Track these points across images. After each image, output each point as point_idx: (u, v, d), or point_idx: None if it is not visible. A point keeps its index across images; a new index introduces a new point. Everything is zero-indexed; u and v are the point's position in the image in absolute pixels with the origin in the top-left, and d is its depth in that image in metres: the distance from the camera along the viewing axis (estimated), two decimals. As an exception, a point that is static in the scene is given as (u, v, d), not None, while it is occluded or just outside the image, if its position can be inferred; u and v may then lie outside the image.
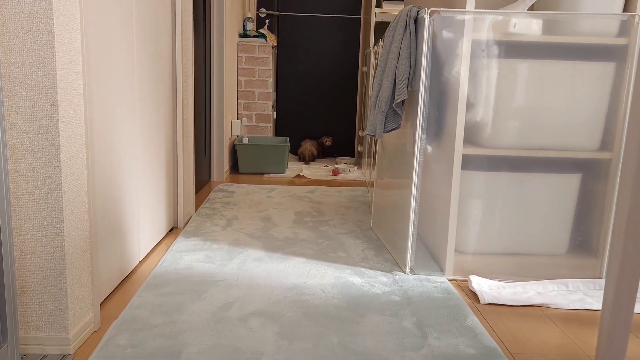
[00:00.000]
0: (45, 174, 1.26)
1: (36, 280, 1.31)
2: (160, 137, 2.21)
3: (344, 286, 1.84)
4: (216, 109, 3.70)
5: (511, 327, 1.59)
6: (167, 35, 2.27)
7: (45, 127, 1.24)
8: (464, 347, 1.43)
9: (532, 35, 1.90)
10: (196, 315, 1.57)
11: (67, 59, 1.27)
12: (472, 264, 1.99)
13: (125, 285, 1.81)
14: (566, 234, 2.03)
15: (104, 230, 1.64)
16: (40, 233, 1.29)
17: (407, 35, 1.94)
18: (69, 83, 1.28)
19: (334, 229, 2.56)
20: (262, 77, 4.40)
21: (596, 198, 2.00)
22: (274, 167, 4.08)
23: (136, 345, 1.38)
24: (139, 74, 1.89)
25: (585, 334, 1.57)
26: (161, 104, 2.21)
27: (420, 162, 1.96)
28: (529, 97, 1.92)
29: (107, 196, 1.65)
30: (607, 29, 1.91)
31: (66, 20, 1.26)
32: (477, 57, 1.89)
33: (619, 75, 1.92)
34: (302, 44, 5.07)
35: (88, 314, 1.44)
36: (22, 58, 1.21)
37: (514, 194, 1.98)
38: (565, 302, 1.76)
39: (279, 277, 1.90)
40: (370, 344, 1.43)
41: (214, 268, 1.96)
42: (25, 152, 1.25)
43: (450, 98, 1.93)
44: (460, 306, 1.70)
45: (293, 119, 5.18)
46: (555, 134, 1.95)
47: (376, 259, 2.15)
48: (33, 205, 1.27)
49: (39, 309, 1.32)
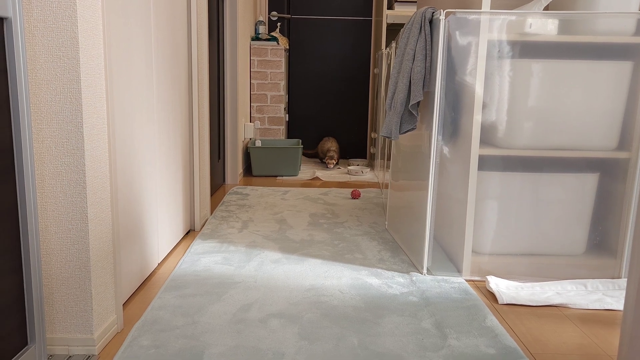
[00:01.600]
0: (70, 178, 1.29)
1: (62, 282, 1.33)
2: (177, 141, 2.24)
3: (361, 287, 1.85)
4: (229, 112, 3.72)
5: (531, 328, 1.59)
6: (183, 40, 2.29)
7: (70, 131, 1.27)
8: (484, 348, 1.44)
9: (548, 35, 1.89)
10: (217, 316, 1.58)
11: (91, 65, 1.30)
12: (489, 265, 1.99)
13: (146, 287, 1.83)
14: (584, 234, 2.02)
15: (125, 233, 1.67)
16: (66, 236, 1.31)
17: (422, 37, 1.94)
18: (92, 88, 1.31)
19: (349, 231, 2.57)
20: (274, 80, 4.42)
21: (614, 197, 1.99)
22: (287, 170, 4.09)
23: (159, 346, 1.40)
24: (157, 79, 1.92)
25: (606, 334, 1.56)
26: (178, 109, 2.24)
27: (436, 163, 1.96)
28: (545, 97, 1.92)
29: (128, 199, 1.67)
30: (624, 27, 1.90)
31: (90, 27, 1.29)
32: (493, 57, 1.89)
33: (636, 74, 1.91)
34: (314, 46, 5.09)
35: (111, 315, 1.47)
36: (48, 64, 1.24)
37: (531, 194, 1.98)
38: (584, 302, 1.75)
39: (296, 278, 1.91)
40: (390, 345, 1.44)
41: (232, 270, 1.97)
42: (50, 156, 1.27)
43: (465, 99, 1.94)
44: (479, 307, 1.70)
45: (305, 122, 5.20)
46: (571, 133, 1.94)
47: (392, 260, 2.16)
48: (58, 209, 1.30)
49: (65, 311, 1.35)
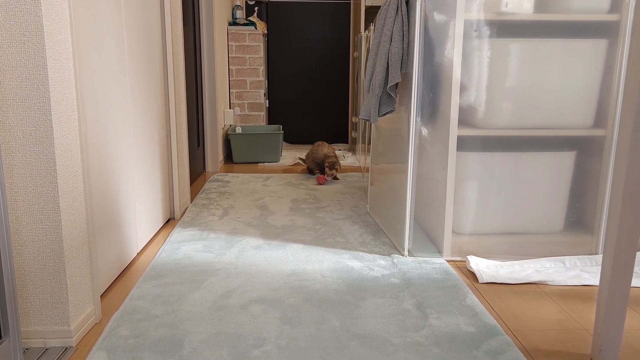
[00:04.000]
0: (40, 167, 1.25)
1: (35, 274, 1.31)
2: (153, 129, 2.20)
3: (343, 271, 1.85)
4: (208, 99, 3.67)
5: (510, 305, 1.61)
6: (156, 25, 2.24)
7: (38, 119, 1.23)
8: (464, 326, 1.45)
9: (524, 14, 1.89)
10: (197, 304, 1.57)
11: (58, 49, 1.26)
12: (469, 245, 2.00)
13: (125, 276, 1.81)
14: (562, 212, 2.04)
15: (101, 222, 1.63)
16: (38, 226, 1.28)
17: (399, 18, 1.92)
18: (60, 74, 1.27)
19: (331, 215, 2.57)
20: (253, 66, 4.37)
21: (591, 175, 2.01)
22: (269, 156, 4.06)
23: (138, 336, 1.38)
24: (129, 65, 1.87)
25: (583, 309, 1.59)
26: (153, 96, 2.19)
27: (415, 145, 1.96)
28: (522, 76, 1.92)
29: (103, 188, 1.64)
30: (599, 5, 1.90)
31: (54, 11, 1.24)
32: (470, 37, 1.88)
33: (611, 52, 1.92)
34: (292, 31, 5.03)
35: (89, 306, 1.44)
36: (11, 50, 1.20)
37: (510, 173, 1.99)
38: (562, 278, 1.78)
39: (278, 264, 1.90)
40: (371, 326, 1.44)
41: (212, 257, 1.96)
42: (18, 145, 1.24)
43: (443, 80, 1.93)
44: (459, 286, 1.71)
45: (286, 107, 5.16)
46: (549, 112, 1.95)
47: (374, 242, 2.16)
48: (29, 199, 1.26)
49: (40, 303, 1.32)
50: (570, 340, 1.40)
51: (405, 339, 1.38)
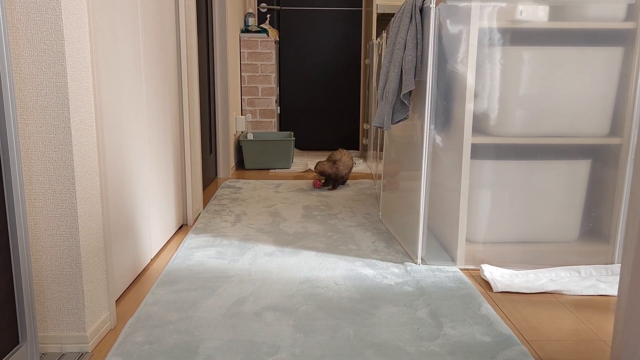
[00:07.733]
0: (58, 174, 1.26)
1: (53, 279, 1.32)
2: (167, 136, 2.21)
3: (356, 278, 1.84)
4: (220, 106, 3.69)
5: (525, 315, 1.59)
6: (171, 33, 2.26)
7: (57, 127, 1.24)
8: (479, 336, 1.44)
9: (539, 22, 1.89)
10: (211, 310, 1.57)
11: (77, 58, 1.27)
12: (483, 253, 1.99)
13: (139, 282, 1.81)
14: (577, 221, 2.02)
15: (117, 229, 1.65)
16: (56, 233, 1.29)
17: (413, 26, 1.93)
18: (79, 82, 1.28)
19: (343, 222, 2.56)
20: (265, 73, 4.39)
21: (606, 184, 1.99)
22: (280, 162, 4.07)
23: (153, 342, 1.39)
24: (145, 73, 1.89)
25: (600, 319, 1.57)
26: (167, 103, 2.21)
27: (429, 153, 1.95)
28: (537, 84, 1.91)
29: (119, 195, 1.65)
30: (614, 13, 1.89)
31: (75, 20, 1.26)
32: (484, 45, 1.88)
33: (627, 60, 1.91)
34: (304, 38, 5.06)
35: (104, 312, 1.45)
36: (32, 58, 1.21)
37: (524, 181, 1.98)
38: (578, 288, 1.76)
39: (291, 271, 1.90)
40: (386, 335, 1.43)
41: (225, 264, 1.96)
42: (38, 153, 1.25)
43: (457, 87, 1.93)
44: (474, 295, 1.70)
45: (297, 114, 5.18)
46: (564, 120, 1.94)
47: (387, 250, 2.15)
48: (47, 206, 1.28)
49: (57, 308, 1.33)
50: (587, 351, 1.39)
51: (420, 348, 1.37)
